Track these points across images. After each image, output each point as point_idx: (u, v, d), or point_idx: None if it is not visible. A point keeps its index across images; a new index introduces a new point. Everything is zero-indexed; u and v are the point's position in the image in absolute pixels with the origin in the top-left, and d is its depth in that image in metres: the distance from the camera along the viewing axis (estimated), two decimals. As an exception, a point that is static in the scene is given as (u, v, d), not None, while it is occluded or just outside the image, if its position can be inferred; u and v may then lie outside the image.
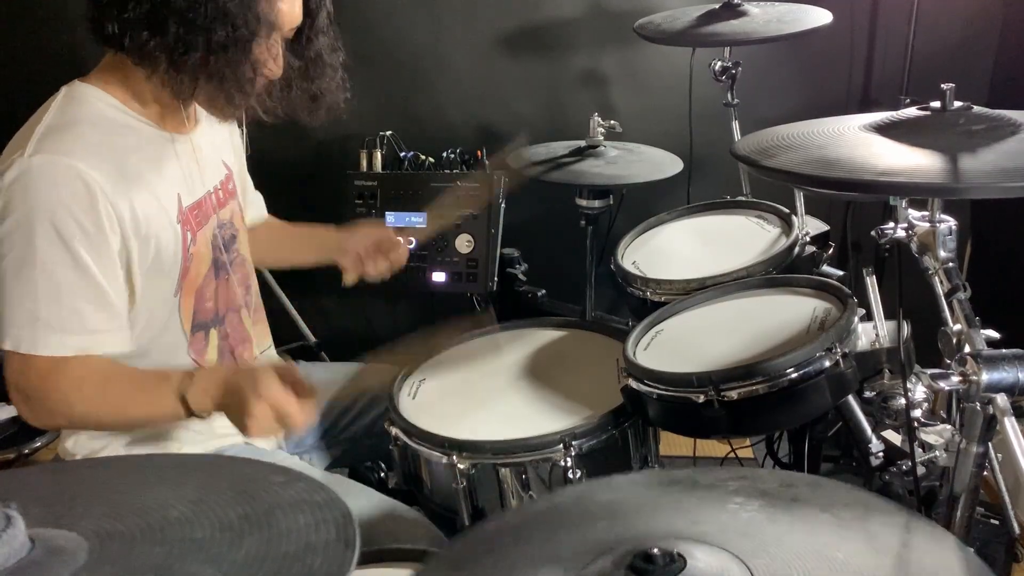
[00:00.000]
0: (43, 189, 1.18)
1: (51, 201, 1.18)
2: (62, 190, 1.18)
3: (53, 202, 1.18)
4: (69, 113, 1.26)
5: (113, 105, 1.29)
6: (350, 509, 0.77)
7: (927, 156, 1.02)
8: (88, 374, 1.23)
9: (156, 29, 1.19)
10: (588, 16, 2.47)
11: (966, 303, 1.04)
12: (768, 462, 1.86)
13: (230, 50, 1.21)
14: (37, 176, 1.18)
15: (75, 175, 1.19)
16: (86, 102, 1.28)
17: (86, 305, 1.21)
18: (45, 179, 1.18)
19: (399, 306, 2.75)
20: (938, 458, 1.23)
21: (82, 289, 1.21)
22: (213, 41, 1.20)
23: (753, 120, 1.97)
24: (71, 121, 1.24)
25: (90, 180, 1.19)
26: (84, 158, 1.20)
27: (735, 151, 1.18)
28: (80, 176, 1.19)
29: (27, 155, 1.19)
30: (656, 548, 0.77)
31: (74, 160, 1.19)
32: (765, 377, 1.22)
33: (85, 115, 1.26)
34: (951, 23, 2.40)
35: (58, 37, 2.30)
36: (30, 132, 1.22)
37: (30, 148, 1.19)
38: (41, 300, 1.19)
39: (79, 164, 1.19)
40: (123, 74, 1.29)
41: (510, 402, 1.50)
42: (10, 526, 0.67)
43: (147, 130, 1.33)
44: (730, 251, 1.69)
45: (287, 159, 2.55)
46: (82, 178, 1.19)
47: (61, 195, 1.18)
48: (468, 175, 2.24)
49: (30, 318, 1.19)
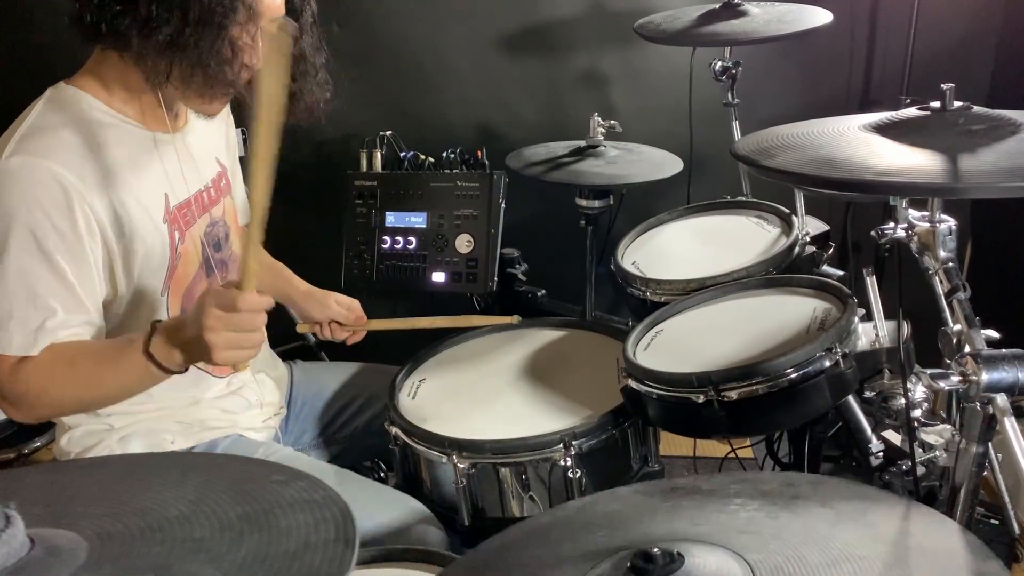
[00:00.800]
0: (18, 190, 1.18)
1: (26, 202, 1.18)
2: (38, 191, 1.18)
3: (29, 203, 1.18)
4: (51, 115, 1.26)
5: (96, 107, 1.29)
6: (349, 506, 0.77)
7: (927, 156, 1.02)
8: (55, 358, 1.22)
9: (130, 3, 1.19)
10: (588, 16, 2.47)
11: (966, 303, 1.04)
12: (768, 462, 1.86)
13: (203, 26, 1.20)
14: (14, 177, 1.18)
15: (51, 177, 1.19)
16: (69, 104, 1.28)
17: (57, 305, 1.21)
18: (21, 180, 1.18)
19: (399, 306, 2.75)
20: (938, 458, 1.23)
21: (54, 291, 1.21)
22: (189, 17, 1.19)
23: (753, 120, 1.97)
24: (52, 123, 1.25)
25: (66, 182, 1.20)
26: (62, 160, 1.20)
27: (735, 151, 1.18)
28: (56, 178, 1.19)
29: (4, 156, 1.19)
30: (656, 547, 0.77)
31: (51, 162, 1.19)
32: (765, 377, 1.22)
33: (67, 117, 1.26)
34: (951, 23, 2.40)
35: (41, 37, 2.30)
36: (11, 134, 1.23)
37: (8, 149, 1.20)
38: (13, 301, 1.19)
39: (56, 166, 1.19)
40: (107, 74, 1.29)
41: (510, 402, 1.50)
42: (9, 526, 0.67)
43: (131, 130, 1.32)
44: (730, 251, 1.69)
45: (287, 159, 2.53)
46: (58, 180, 1.19)
47: (37, 196, 1.18)
48: (468, 175, 2.24)
49: (15, 322, 1.19)
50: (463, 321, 1.72)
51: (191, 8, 1.19)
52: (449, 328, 1.71)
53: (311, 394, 1.70)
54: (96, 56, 1.30)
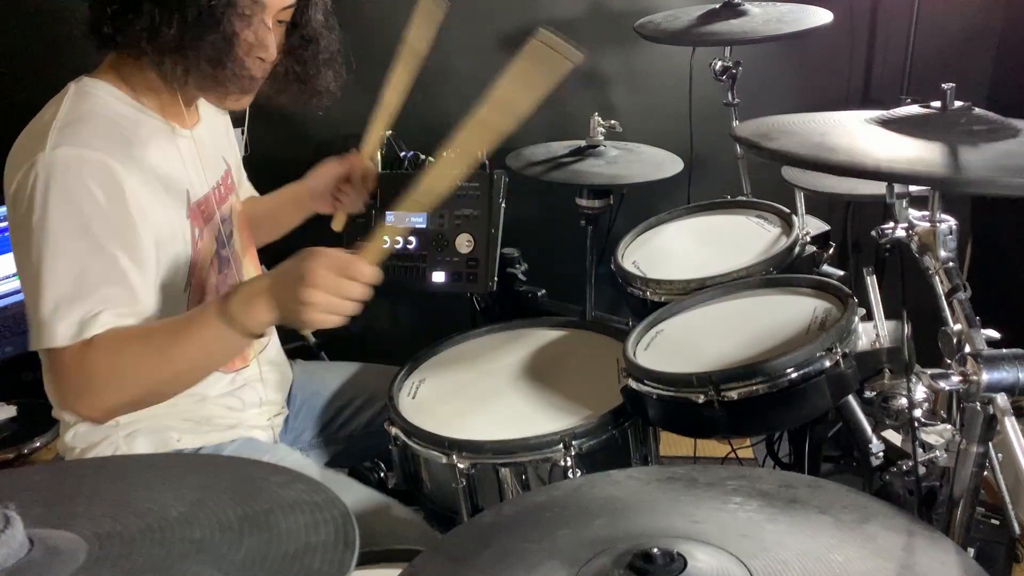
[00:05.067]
0: (69, 180, 1.17)
1: (77, 192, 1.17)
2: (89, 181, 1.17)
3: (79, 193, 1.17)
4: (84, 106, 1.25)
5: (123, 99, 1.29)
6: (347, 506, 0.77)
7: (928, 148, 1.02)
8: (124, 336, 1.18)
9: (135, 11, 1.19)
10: (588, 16, 2.47)
11: (966, 303, 1.03)
12: (768, 462, 1.86)
13: (205, 28, 1.20)
14: (64, 169, 1.17)
15: (101, 165, 1.18)
16: (96, 96, 1.27)
17: (118, 293, 1.19)
18: (71, 170, 1.17)
19: (399, 306, 2.75)
20: (938, 458, 1.23)
21: (114, 282, 1.19)
22: (188, 16, 1.19)
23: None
24: (86, 114, 1.24)
25: (116, 170, 1.19)
26: (107, 149, 1.20)
27: (736, 134, 1.17)
28: (106, 166, 1.19)
29: (49, 148, 1.17)
30: (656, 548, 0.77)
31: (98, 152, 1.19)
32: (765, 377, 1.22)
33: (98, 108, 1.26)
34: (951, 23, 2.40)
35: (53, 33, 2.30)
36: (45, 128, 1.21)
37: (51, 141, 1.18)
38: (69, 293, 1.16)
39: (103, 156, 1.19)
40: (126, 71, 1.30)
41: (510, 402, 1.50)
42: (9, 526, 0.67)
43: (155, 124, 1.33)
44: (730, 251, 1.69)
45: (287, 159, 2.53)
46: (108, 168, 1.19)
47: (88, 185, 1.17)
48: (468, 175, 2.23)
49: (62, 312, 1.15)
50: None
51: (188, 10, 1.19)
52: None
53: (311, 394, 1.70)
54: (113, 57, 1.31)
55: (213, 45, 1.22)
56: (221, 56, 1.23)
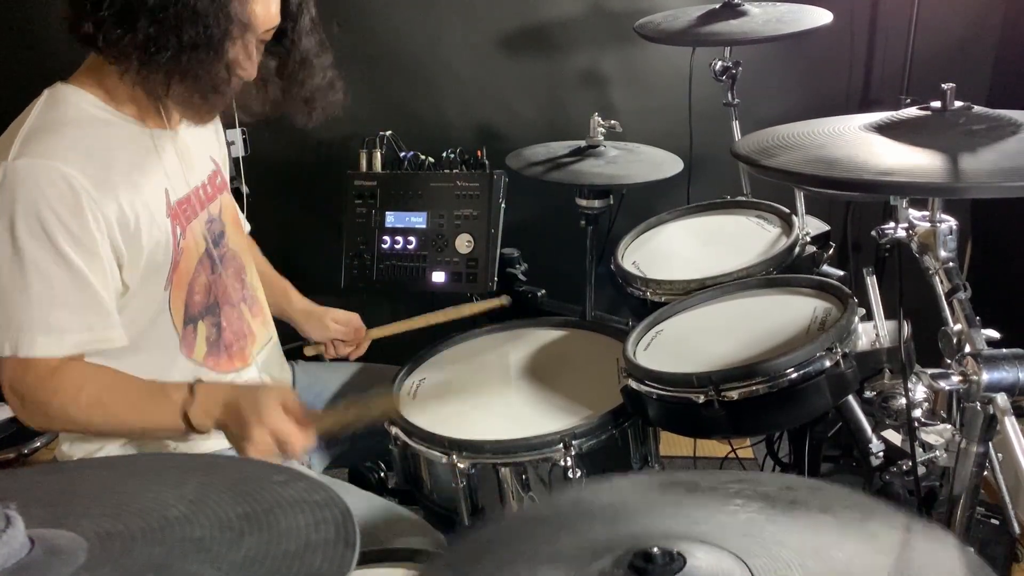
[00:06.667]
0: (28, 192, 1.18)
1: (37, 204, 1.18)
2: (48, 192, 1.18)
3: (39, 205, 1.18)
4: (52, 115, 1.26)
5: (95, 104, 1.29)
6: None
7: (927, 156, 1.02)
8: (86, 382, 1.25)
9: (128, 27, 1.19)
10: (588, 16, 2.47)
11: (966, 303, 1.04)
12: (768, 462, 1.86)
13: (201, 49, 1.21)
14: (22, 179, 1.18)
15: (59, 177, 1.19)
16: (69, 103, 1.28)
17: (79, 304, 1.22)
18: (29, 182, 1.18)
19: (399, 306, 2.75)
20: (938, 458, 1.23)
21: (74, 290, 1.21)
22: (184, 40, 1.19)
23: (753, 120, 1.97)
24: (54, 123, 1.25)
25: (74, 182, 1.20)
26: (68, 160, 1.20)
27: (735, 151, 1.18)
28: (65, 178, 1.19)
29: (10, 159, 1.19)
30: (656, 547, 0.77)
31: (58, 162, 1.19)
32: (765, 377, 1.22)
33: (69, 116, 1.26)
34: (951, 23, 2.40)
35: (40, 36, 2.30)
36: (12, 136, 1.22)
37: (13, 152, 1.19)
38: (34, 303, 1.19)
39: (63, 166, 1.19)
40: (103, 74, 1.29)
41: (510, 402, 1.50)
42: (9, 526, 0.67)
43: (130, 128, 1.33)
44: (730, 251, 1.69)
45: (287, 159, 2.54)
46: (67, 180, 1.19)
47: (47, 197, 1.18)
48: (468, 175, 2.24)
49: (25, 321, 1.19)
50: (455, 313, 1.71)
51: (186, 32, 1.19)
52: (447, 322, 1.70)
53: (311, 394, 1.70)
54: (91, 59, 1.30)
55: (206, 68, 1.23)
56: (210, 78, 1.24)
